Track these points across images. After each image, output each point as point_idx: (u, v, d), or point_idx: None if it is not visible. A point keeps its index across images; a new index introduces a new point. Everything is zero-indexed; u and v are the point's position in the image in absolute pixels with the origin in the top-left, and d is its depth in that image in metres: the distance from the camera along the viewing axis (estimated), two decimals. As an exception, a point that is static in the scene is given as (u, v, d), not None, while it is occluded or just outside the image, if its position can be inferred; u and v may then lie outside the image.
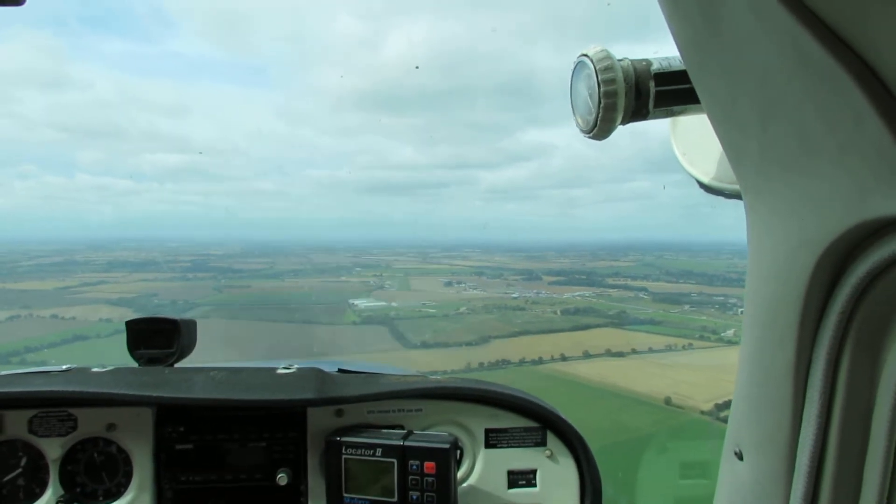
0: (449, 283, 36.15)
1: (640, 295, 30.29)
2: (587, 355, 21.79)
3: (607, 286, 32.34)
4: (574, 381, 18.86)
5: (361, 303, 30.75)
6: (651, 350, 22.08)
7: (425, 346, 24.89)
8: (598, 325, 26.12)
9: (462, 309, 30.45)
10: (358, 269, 39.07)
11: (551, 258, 42.24)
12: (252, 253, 42.30)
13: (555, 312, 29.59)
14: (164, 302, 29.33)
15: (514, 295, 32.82)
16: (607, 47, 1.09)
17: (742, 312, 1.05)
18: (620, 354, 21.72)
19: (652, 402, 16.57)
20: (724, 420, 1.17)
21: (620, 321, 26.42)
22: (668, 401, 16.23)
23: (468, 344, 24.77)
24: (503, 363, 21.81)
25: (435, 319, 28.84)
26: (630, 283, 32.25)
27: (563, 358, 21.67)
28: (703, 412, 15.10)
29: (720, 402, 14.49)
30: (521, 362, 21.79)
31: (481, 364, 21.57)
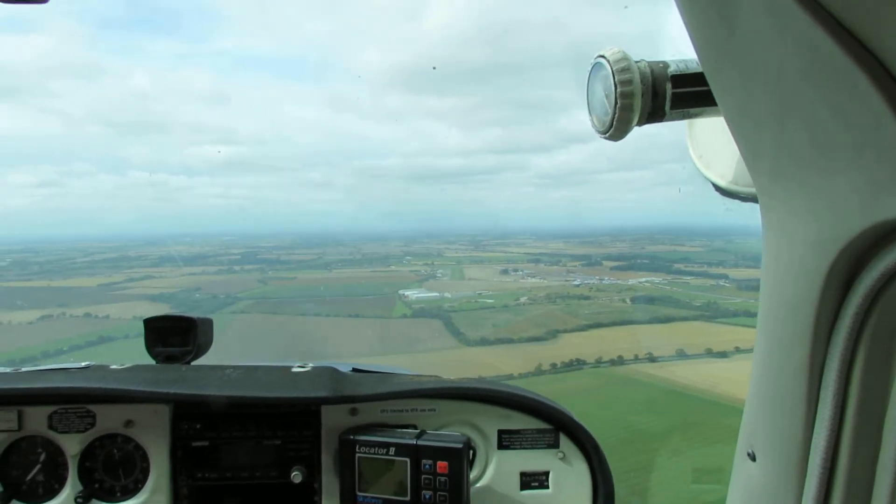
0: (505, 272, 31.96)
1: (722, 283, 25.63)
2: (682, 355, 17.49)
3: (678, 273, 27.83)
4: (676, 389, 14.67)
5: (412, 294, 27.05)
6: (756, 347, 17.50)
7: (486, 342, 20.99)
8: (683, 318, 21.64)
9: (522, 299, 26.28)
10: (408, 258, 35.43)
11: (607, 242, 37.80)
12: (301, 244, 39.31)
13: (624, 301, 25.33)
14: (205, 296, 26.39)
15: (575, 282, 28.54)
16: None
17: None
18: (724, 354, 17.07)
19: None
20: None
21: (712, 313, 21.80)
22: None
23: (534, 339, 20.76)
24: (577, 363, 17.77)
25: (494, 311, 24.67)
26: (708, 269, 27.50)
27: (652, 358, 17.46)
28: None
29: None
30: (599, 362, 17.71)
31: (553, 365, 17.59)
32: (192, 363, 2.24)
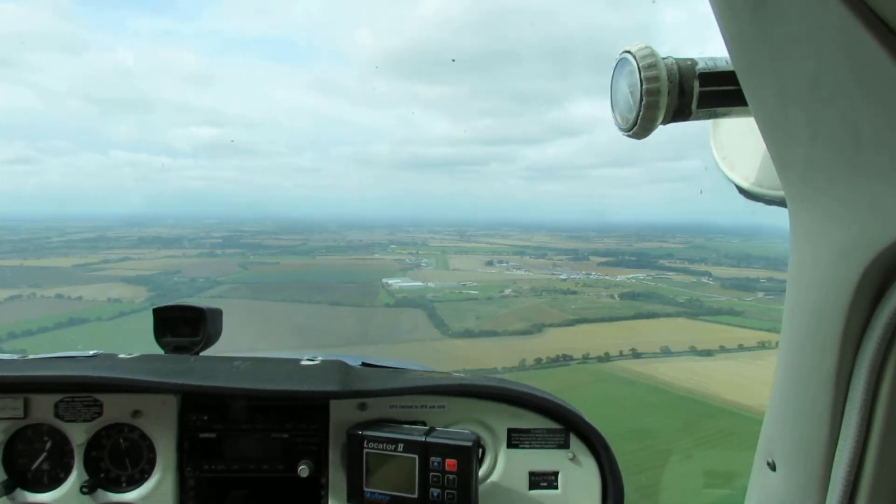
0: (490, 263, 31.70)
1: (705, 280, 25.52)
2: (667, 352, 17.26)
3: (663, 269, 27.71)
4: (661, 388, 14.39)
5: (396, 282, 26.65)
6: (742, 347, 17.22)
7: (469, 334, 20.61)
8: (667, 315, 21.44)
9: (507, 291, 25.97)
10: (393, 246, 34.90)
11: (593, 238, 37.60)
12: (285, 229, 38.55)
13: (612, 297, 25.13)
14: (184, 280, 25.67)
15: (562, 276, 28.35)
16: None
17: None
18: (709, 353, 16.92)
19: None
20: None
21: (695, 311, 21.62)
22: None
23: (519, 333, 20.44)
24: (564, 358, 17.46)
25: (478, 303, 24.35)
26: (689, 266, 27.38)
27: (636, 354, 17.20)
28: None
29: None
30: (586, 358, 17.41)
31: (538, 360, 17.26)
32: (201, 354, 2.21)
